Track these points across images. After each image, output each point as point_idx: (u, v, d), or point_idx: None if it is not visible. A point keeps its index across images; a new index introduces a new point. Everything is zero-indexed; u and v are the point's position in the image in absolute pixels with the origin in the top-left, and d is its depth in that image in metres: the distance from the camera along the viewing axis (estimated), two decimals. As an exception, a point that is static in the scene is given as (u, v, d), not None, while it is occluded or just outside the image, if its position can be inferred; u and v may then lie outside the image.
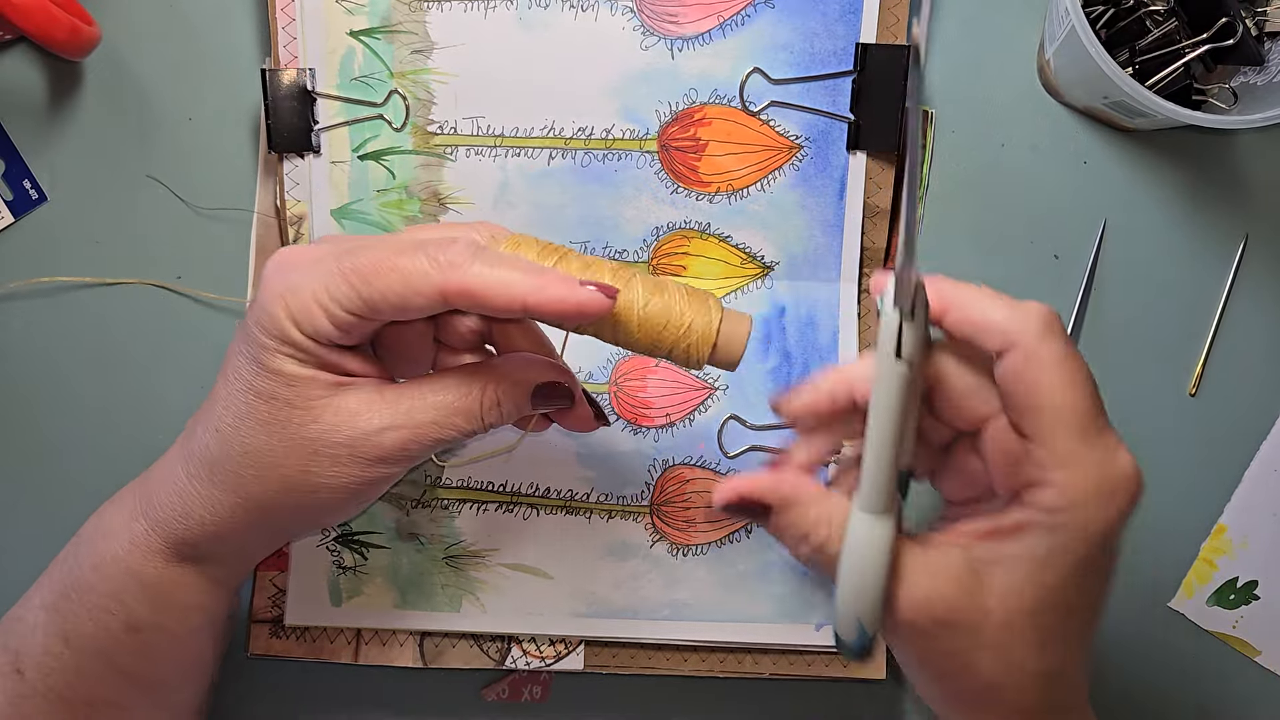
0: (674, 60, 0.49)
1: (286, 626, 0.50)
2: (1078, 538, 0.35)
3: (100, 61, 0.51)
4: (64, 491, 0.51)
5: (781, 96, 0.49)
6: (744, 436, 0.50)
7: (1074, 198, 0.52)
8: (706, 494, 0.50)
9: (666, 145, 0.49)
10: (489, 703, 0.52)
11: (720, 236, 0.50)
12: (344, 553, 0.50)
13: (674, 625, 0.49)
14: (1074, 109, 0.52)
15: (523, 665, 0.50)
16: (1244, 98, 0.49)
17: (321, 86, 0.49)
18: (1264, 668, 0.52)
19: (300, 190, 0.50)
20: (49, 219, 0.51)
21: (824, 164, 0.50)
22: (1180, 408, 0.52)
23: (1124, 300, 0.52)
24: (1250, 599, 0.52)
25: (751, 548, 0.50)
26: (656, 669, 0.50)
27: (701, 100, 0.49)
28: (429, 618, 0.50)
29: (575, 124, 0.49)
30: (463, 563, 0.50)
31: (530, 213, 0.50)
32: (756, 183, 0.50)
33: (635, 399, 0.50)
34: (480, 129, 0.49)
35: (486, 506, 0.50)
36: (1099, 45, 0.44)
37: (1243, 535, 0.52)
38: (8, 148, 0.51)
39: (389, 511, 0.50)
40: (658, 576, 0.50)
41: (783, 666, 0.50)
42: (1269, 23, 0.48)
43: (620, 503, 0.50)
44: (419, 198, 0.50)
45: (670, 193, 0.50)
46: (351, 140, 0.50)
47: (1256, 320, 0.52)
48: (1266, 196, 0.52)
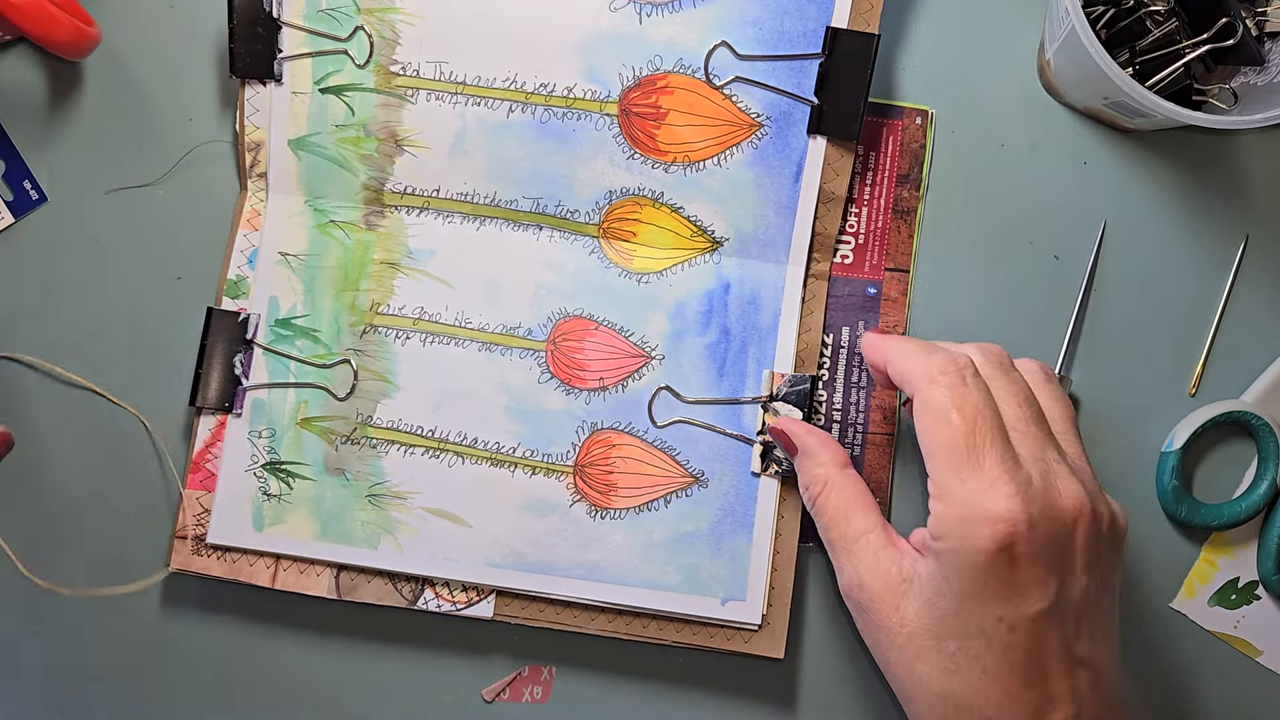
0: (641, 25, 0.49)
1: (207, 545, 0.50)
2: (954, 567, 0.39)
3: (100, 61, 0.51)
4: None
5: (747, 73, 0.49)
6: (676, 408, 0.50)
7: (1074, 198, 0.52)
8: (630, 460, 0.50)
9: (627, 110, 0.50)
10: (489, 703, 0.52)
11: (673, 207, 0.50)
12: (271, 480, 0.50)
13: (585, 585, 0.50)
14: (1074, 109, 0.52)
15: (434, 608, 0.50)
16: (1244, 98, 0.49)
17: (288, 15, 0.50)
18: (1266, 668, 0.52)
19: (260, 117, 0.50)
20: (49, 219, 0.51)
21: (783, 145, 0.50)
22: (1180, 408, 0.52)
23: (1124, 300, 0.52)
24: (1252, 599, 0.52)
25: (668, 518, 0.50)
26: (564, 624, 0.50)
27: (665, 68, 0.49)
28: (346, 552, 0.50)
29: (537, 79, 0.50)
30: (385, 502, 0.50)
31: (485, 164, 0.50)
32: (714, 157, 0.50)
33: (571, 360, 0.51)
34: (443, 74, 0.50)
35: (414, 450, 0.50)
36: (1099, 45, 0.44)
37: (1244, 534, 0.52)
38: (8, 148, 0.51)
39: (319, 445, 0.51)
40: (574, 535, 0.50)
41: (686, 635, 0.50)
42: (1269, 23, 0.48)
43: (545, 460, 0.50)
44: (376, 137, 0.50)
45: (627, 158, 0.50)
46: (314, 72, 0.50)
47: (1256, 320, 0.52)
48: (1266, 196, 0.52)
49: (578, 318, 0.51)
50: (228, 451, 0.51)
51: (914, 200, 0.51)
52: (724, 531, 0.50)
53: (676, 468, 0.50)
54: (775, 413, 0.49)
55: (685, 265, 0.51)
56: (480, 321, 0.51)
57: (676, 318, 0.50)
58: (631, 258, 0.51)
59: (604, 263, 0.51)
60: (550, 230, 0.51)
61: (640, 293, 0.51)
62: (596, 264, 0.51)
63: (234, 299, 0.51)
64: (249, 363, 0.50)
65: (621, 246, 0.51)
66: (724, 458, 0.50)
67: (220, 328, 0.50)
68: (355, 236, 0.51)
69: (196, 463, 0.51)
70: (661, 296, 0.51)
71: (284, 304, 0.51)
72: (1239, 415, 0.51)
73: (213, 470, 0.51)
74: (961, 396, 0.40)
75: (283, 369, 0.51)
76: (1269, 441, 0.50)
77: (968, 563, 0.38)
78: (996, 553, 0.38)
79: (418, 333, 0.51)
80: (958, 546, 0.38)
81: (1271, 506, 0.51)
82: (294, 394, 0.51)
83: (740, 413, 0.50)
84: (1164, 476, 0.51)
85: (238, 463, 0.50)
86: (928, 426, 0.40)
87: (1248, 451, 0.52)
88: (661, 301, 0.51)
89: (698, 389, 0.50)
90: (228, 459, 0.50)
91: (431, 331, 0.51)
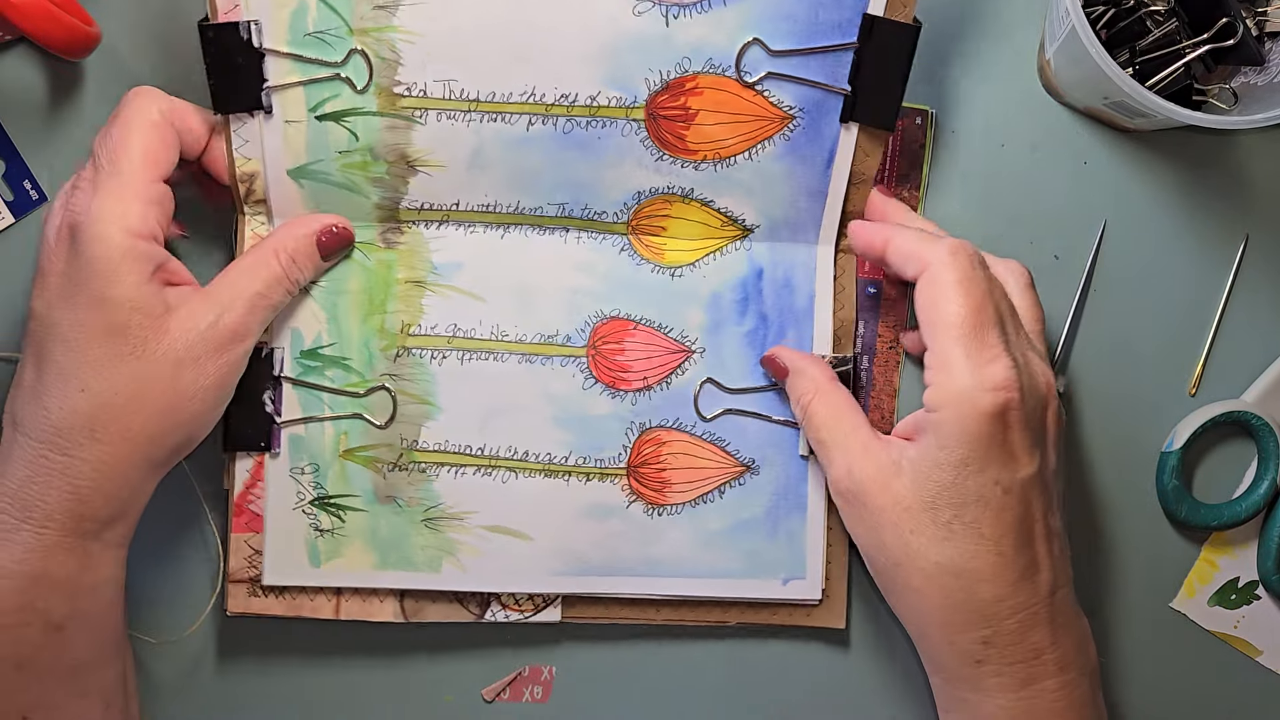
0: (668, 28, 0.46)
1: (265, 586, 0.50)
2: (954, 435, 0.41)
3: (100, 61, 0.51)
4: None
5: (779, 68, 0.47)
6: (721, 399, 0.50)
7: (1074, 198, 0.52)
8: (682, 455, 0.50)
9: (654, 114, 0.47)
10: (489, 703, 0.52)
11: (703, 201, 0.49)
12: (321, 515, 0.49)
13: (648, 581, 0.50)
14: (1074, 109, 0.52)
15: (502, 618, 0.50)
16: (1244, 98, 0.49)
17: (270, 42, 0.45)
18: (1266, 668, 0.52)
19: (251, 148, 0.47)
20: (49, 219, 0.51)
21: (815, 134, 0.48)
22: (1180, 408, 0.52)
23: (1124, 300, 0.52)
24: (1252, 599, 0.52)
25: (724, 508, 0.50)
26: (630, 619, 0.51)
27: (694, 69, 0.47)
28: (409, 578, 0.50)
29: (557, 90, 0.47)
30: (442, 524, 0.50)
31: (506, 176, 0.48)
32: (744, 151, 0.48)
33: (613, 362, 0.50)
34: (453, 93, 0.46)
35: (464, 470, 0.50)
36: (1099, 45, 0.44)
37: (1244, 534, 0.52)
38: (8, 148, 0.51)
39: (366, 475, 0.49)
40: (634, 535, 0.50)
41: (749, 616, 0.51)
42: (1269, 23, 0.48)
43: (598, 465, 0.50)
44: (385, 160, 0.47)
45: (655, 160, 0.48)
46: (308, 99, 0.46)
47: (1256, 320, 0.52)
48: (1266, 196, 0.52)
49: (615, 319, 0.50)
50: (271, 492, 0.49)
51: (914, 200, 0.51)
52: (779, 514, 0.50)
53: (727, 458, 0.50)
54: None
55: (717, 255, 0.50)
56: (517, 333, 0.50)
57: (713, 308, 0.50)
58: (662, 252, 0.50)
59: (635, 260, 0.50)
60: (577, 232, 0.50)
61: (674, 287, 0.50)
62: (627, 261, 0.50)
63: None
64: (279, 399, 0.49)
65: (651, 241, 0.50)
66: (773, 443, 0.50)
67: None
68: (375, 256, 0.49)
69: (239, 505, 0.49)
70: (696, 288, 0.50)
71: (307, 335, 0.49)
72: (1239, 415, 0.51)
73: (256, 511, 0.49)
74: (971, 280, 0.43)
75: (316, 402, 0.49)
76: (1269, 441, 0.50)
77: (970, 428, 0.41)
78: (996, 416, 0.41)
79: (454, 351, 0.49)
80: (961, 413, 0.41)
81: (1271, 506, 0.51)
82: (332, 426, 0.49)
83: (785, 395, 0.50)
84: (1164, 476, 0.51)
85: (284, 502, 0.49)
86: (936, 302, 0.43)
87: (1248, 451, 0.52)
88: (696, 293, 0.50)
89: (740, 378, 0.50)
90: (273, 499, 0.49)
91: (468, 348, 0.49)
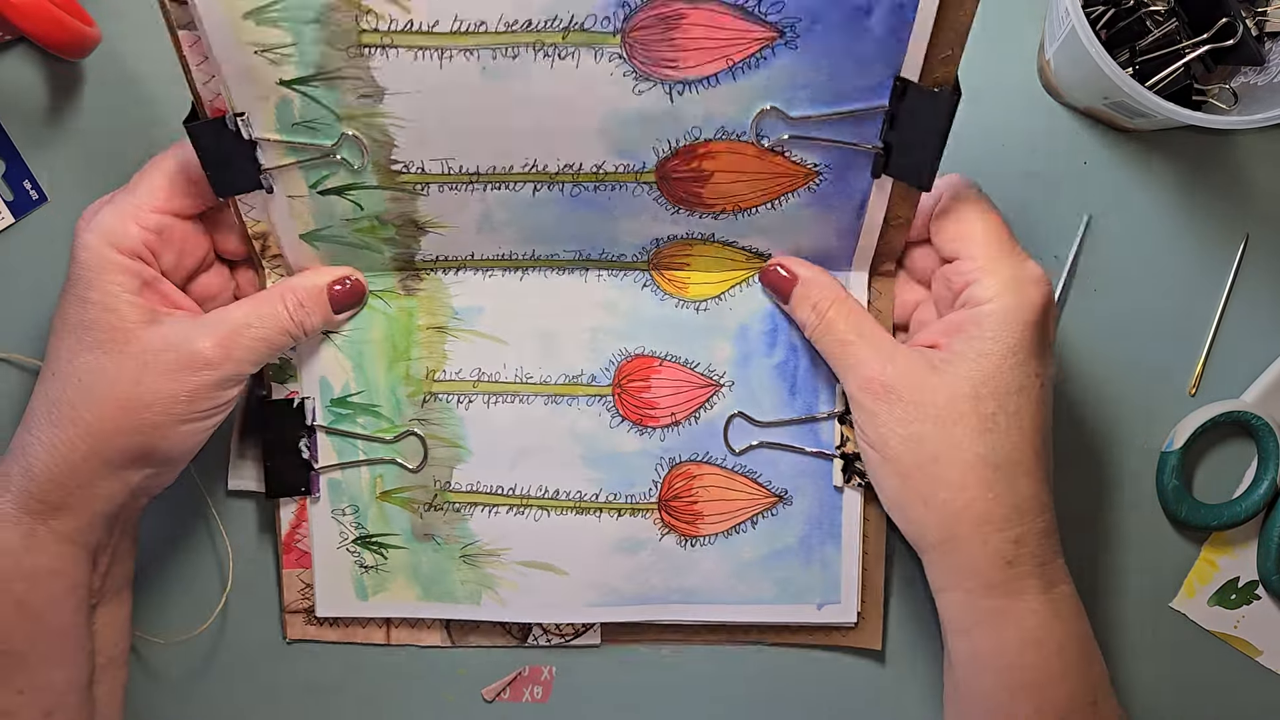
0: (673, 104, 0.42)
1: (317, 617, 0.51)
2: (1005, 324, 0.42)
3: (100, 61, 0.51)
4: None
5: (801, 131, 0.43)
6: (751, 433, 0.50)
7: (1074, 198, 0.52)
8: (713, 488, 0.50)
9: (666, 176, 0.45)
10: (489, 703, 0.52)
11: (725, 242, 0.48)
12: (364, 553, 0.50)
13: (684, 609, 0.50)
14: (1074, 109, 0.52)
15: (543, 643, 0.52)
16: (1244, 98, 0.49)
17: (260, 131, 0.43)
18: (1266, 668, 0.52)
19: (259, 213, 0.46)
20: (49, 219, 0.51)
21: (844, 187, 0.45)
22: (1180, 408, 0.52)
23: (1124, 300, 0.52)
24: (1252, 599, 0.52)
25: (757, 538, 0.50)
26: (667, 640, 0.52)
27: (706, 137, 0.43)
28: (452, 609, 0.51)
29: (560, 161, 0.44)
30: (479, 561, 0.50)
31: (518, 234, 0.47)
32: (766, 203, 0.46)
33: (639, 400, 0.50)
34: (451, 169, 0.45)
35: (498, 509, 0.50)
36: (1099, 45, 0.44)
37: (1244, 534, 0.52)
38: (8, 148, 0.51)
39: (404, 515, 0.50)
40: (667, 567, 0.50)
41: (785, 637, 0.51)
42: (1269, 23, 0.48)
43: (629, 501, 0.50)
44: (394, 224, 0.46)
45: (671, 214, 0.46)
46: (307, 179, 0.45)
47: (1256, 320, 0.52)
48: (1266, 196, 0.52)
49: (640, 357, 0.49)
50: (316, 532, 0.50)
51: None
52: (813, 544, 0.50)
53: (759, 489, 0.50)
54: (852, 424, 0.47)
55: (743, 286, 0.49)
56: (541, 375, 0.49)
57: (740, 341, 0.49)
58: (686, 286, 0.49)
59: (658, 295, 0.49)
60: (598, 271, 0.49)
61: (700, 321, 0.49)
62: (650, 297, 0.49)
63: (282, 383, 0.49)
64: (315, 446, 0.49)
65: (675, 276, 0.49)
66: (805, 474, 0.50)
67: (278, 418, 0.49)
68: (396, 304, 0.49)
69: (287, 544, 0.51)
70: (722, 322, 0.49)
71: (335, 384, 0.49)
72: (1239, 415, 0.51)
73: (304, 549, 0.51)
74: (987, 201, 0.45)
75: (351, 448, 0.50)
76: (1269, 441, 0.50)
77: (1023, 317, 0.42)
78: (1043, 307, 0.43)
79: (479, 395, 0.49)
80: (1013, 303, 0.42)
81: (1271, 506, 0.51)
82: (368, 470, 0.50)
83: (817, 428, 0.49)
84: (1164, 476, 0.51)
85: (328, 542, 0.50)
86: (973, 219, 0.44)
87: (1248, 451, 0.52)
88: (723, 327, 0.49)
89: (771, 410, 0.49)
90: (318, 539, 0.50)
91: (493, 391, 0.49)
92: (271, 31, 0.40)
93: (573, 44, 0.40)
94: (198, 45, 0.41)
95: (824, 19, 0.40)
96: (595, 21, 0.40)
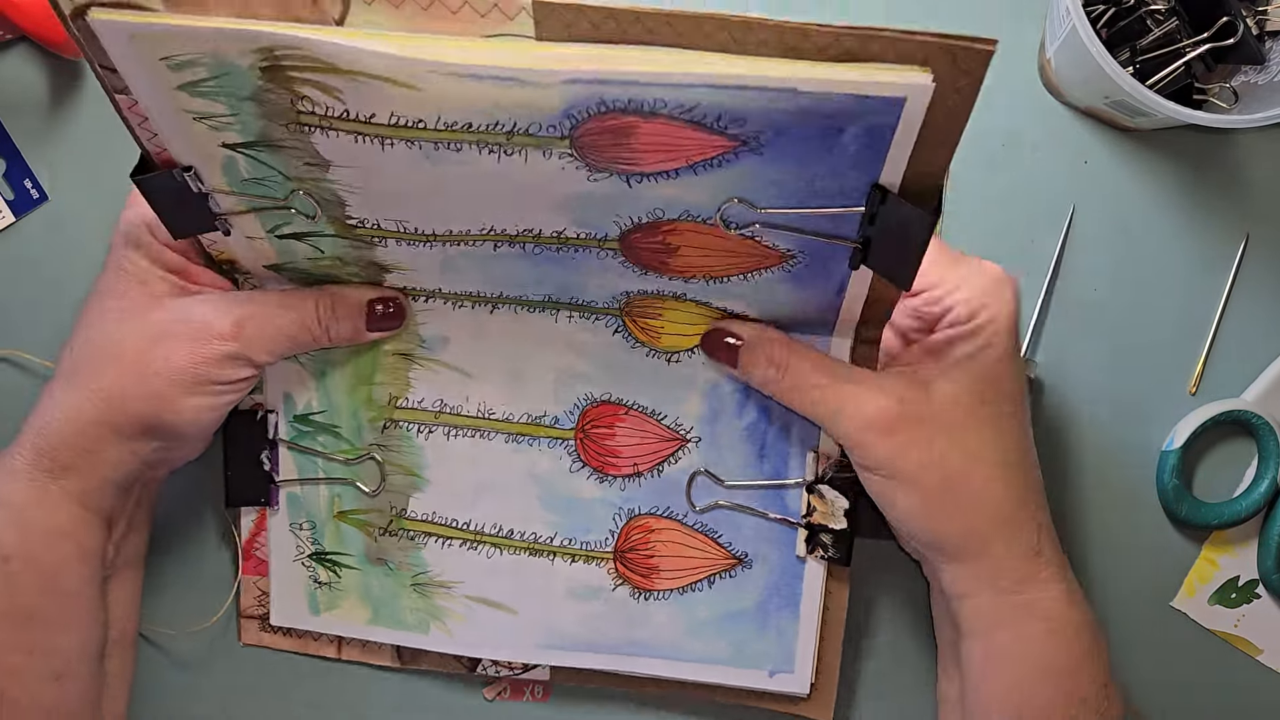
0: (631, 188, 0.39)
1: (272, 625, 0.51)
2: (992, 331, 0.43)
3: (100, 61, 0.51)
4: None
5: (771, 220, 0.40)
6: (714, 491, 0.49)
7: (1074, 198, 0.52)
8: (671, 543, 0.49)
9: (631, 246, 0.42)
10: (490, 702, 0.52)
11: (699, 302, 0.45)
12: (319, 569, 0.50)
13: (634, 660, 0.50)
14: (1074, 109, 0.52)
15: (492, 673, 0.51)
16: (1245, 97, 0.49)
17: (210, 184, 0.41)
18: (1266, 667, 0.52)
19: (220, 245, 0.45)
20: (49, 219, 0.51)
21: (821, 270, 0.42)
22: (1180, 407, 0.52)
23: (1124, 299, 0.52)
24: (1252, 598, 0.52)
25: (713, 598, 0.49)
26: (617, 686, 0.51)
27: (670, 217, 0.40)
28: (400, 635, 0.51)
29: (519, 227, 0.42)
30: (430, 590, 0.50)
31: (483, 279, 0.46)
32: (740, 274, 0.43)
33: (602, 446, 0.49)
34: (406, 229, 0.43)
35: (451, 542, 0.50)
36: (1099, 45, 0.44)
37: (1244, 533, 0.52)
38: (8, 147, 0.51)
39: (359, 536, 0.50)
40: (619, 617, 0.49)
41: (736, 697, 0.50)
42: (1270, 22, 0.48)
43: (584, 548, 0.49)
44: (356, 265, 0.45)
45: (639, 275, 0.44)
46: (263, 223, 0.43)
47: (1256, 320, 0.52)
48: (1266, 196, 0.52)
49: (605, 403, 0.48)
50: (274, 542, 0.50)
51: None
52: (770, 610, 0.49)
53: (719, 550, 0.49)
54: (820, 495, 0.48)
55: None
56: (504, 411, 0.49)
57: (712, 398, 0.48)
58: (659, 336, 0.47)
59: (629, 341, 0.48)
60: (569, 311, 0.47)
61: (670, 372, 0.48)
62: (621, 343, 0.48)
63: (249, 394, 0.49)
64: (276, 459, 0.50)
65: (648, 324, 0.47)
66: (767, 539, 0.48)
67: (241, 428, 0.49)
68: None
69: (246, 550, 0.51)
70: (694, 375, 0.48)
71: (299, 400, 0.49)
72: (1239, 414, 0.51)
73: (262, 557, 0.51)
74: None
75: (311, 464, 0.50)
76: (1269, 441, 0.50)
77: (1006, 321, 0.43)
78: (1017, 304, 0.43)
79: (440, 426, 0.49)
80: (997, 311, 0.43)
81: (1272, 505, 0.51)
82: (326, 488, 0.50)
83: (784, 494, 0.48)
84: (1164, 475, 0.51)
85: (285, 553, 0.50)
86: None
87: (1248, 451, 0.52)
88: (694, 380, 0.48)
89: (738, 472, 0.48)
90: (275, 549, 0.51)
91: (454, 424, 0.49)
92: (207, 103, 0.38)
93: (518, 145, 0.37)
94: (136, 108, 0.39)
95: (790, 133, 0.36)
96: (541, 129, 0.36)
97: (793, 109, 0.35)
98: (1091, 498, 0.52)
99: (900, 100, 0.34)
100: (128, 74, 0.37)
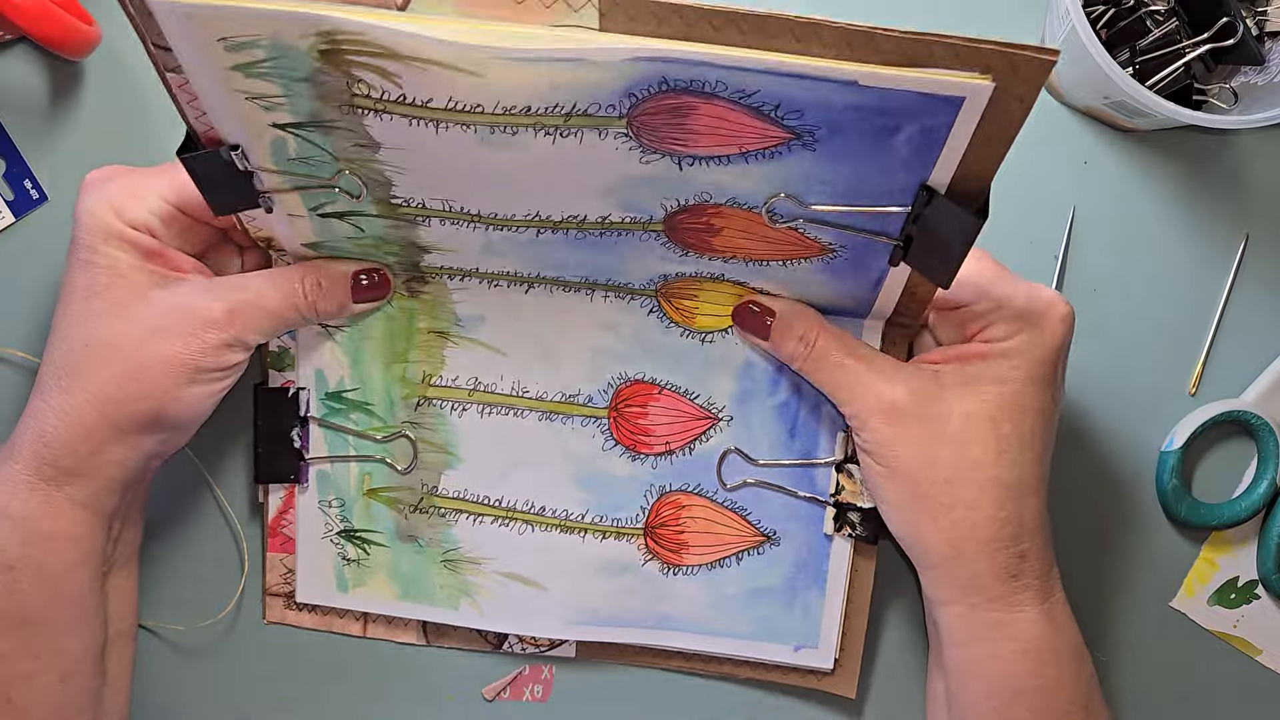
0: (682, 171, 0.40)
1: (297, 602, 0.51)
2: (1028, 357, 0.43)
3: (100, 61, 0.51)
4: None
5: (816, 216, 0.41)
6: (744, 470, 0.49)
7: (1074, 198, 0.52)
8: (701, 520, 0.49)
9: (675, 227, 0.43)
10: (490, 702, 0.52)
11: (736, 282, 0.46)
12: (348, 546, 0.50)
13: (659, 634, 0.50)
14: (1074, 109, 0.52)
15: (518, 650, 0.52)
16: (1244, 98, 0.49)
17: (256, 163, 0.42)
18: (1265, 667, 0.52)
19: (260, 222, 0.45)
20: (49, 219, 0.51)
21: (860, 265, 0.43)
22: (1180, 407, 0.52)
23: (1124, 299, 0.52)
24: (1251, 598, 0.52)
25: (740, 574, 0.49)
26: (642, 663, 0.51)
27: (717, 202, 0.41)
28: (429, 611, 0.51)
29: (564, 213, 0.43)
30: (460, 567, 0.50)
31: (520, 261, 0.46)
32: (780, 261, 0.44)
33: (635, 425, 0.49)
34: (452, 209, 0.43)
35: (482, 519, 0.50)
36: (1099, 45, 0.44)
37: (1243, 534, 0.52)
38: (8, 148, 0.51)
39: (389, 514, 0.50)
40: (647, 592, 0.50)
41: (760, 674, 0.51)
42: (1269, 22, 0.48)
43: (615, 524, 0.50)
44: (396, 245, 0.46)
45: (680, 256, 0.45)
46: (306, 202, 0.43)
47: (1256, 320, 0.52)
48: (1266, 196, 0.52)
49: (639, 382, 0.49)
50: (302, 520, 0.50)
51: (914, 200, 0.51)
52: (797, 587, 0.49)
53: (748, 527, 0.49)
54: (850, 474, 0.48)
55: None
56: (538, 390, 0.49)
57: (745, 377, 0.48)
58: (694, 316, 0.48)
59: (664, 322, 0.48)
60: (604, 291, 0.48)
61: (704, 352, 0.48)
62: (656, 324, 0.48)
63: (280, 370, 0.49)
64: (306, 436, 0.50)
65: (683, 305, 0.48)
66: (796, 517, 0.49)
67: (272, 405, 0.49)
68: (398, 304, 0.48)
69: (273, 528, 0.51)
70: (727, 355, 0.48)
71: (331, 378, 0.49)
72: (1239, 415, 0.51)
73: (290, 535, 0.51)
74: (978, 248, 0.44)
75: (342, 442, 0.50)
76: (1269, 441, 0.50)
77: (1042, 350, 0.43)
78: (1066, 340, 0.43)
79: (474, 404, 0.49)
80: (1036, 339, 0.42)
81: (1271, 506, 0.51)
82: (357, 466, 0.50)
83: (813, 472, 0.49)
84: (1164, 476, 0.51)
85: (313, 530, 0.50)
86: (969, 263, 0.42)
87: (1248, 451, 0.52)
88: (728, 360, 0.48)
89: (768, 450, 0.49)
90: (303, 527, 0.50)
91: (488, 402, 0.49)
92: (261, 83, 0.38)
93: (575, 126, 0.38)
94: (187, 86, 0.39)
95: (845, 131, 0.37)
96: (600, 109, 0.37)
97: (853, 102, 0.35)
98: (1091, 498, 0.52)
99: (959, 100, 0.35)
100: (181, 53, 0.37)
